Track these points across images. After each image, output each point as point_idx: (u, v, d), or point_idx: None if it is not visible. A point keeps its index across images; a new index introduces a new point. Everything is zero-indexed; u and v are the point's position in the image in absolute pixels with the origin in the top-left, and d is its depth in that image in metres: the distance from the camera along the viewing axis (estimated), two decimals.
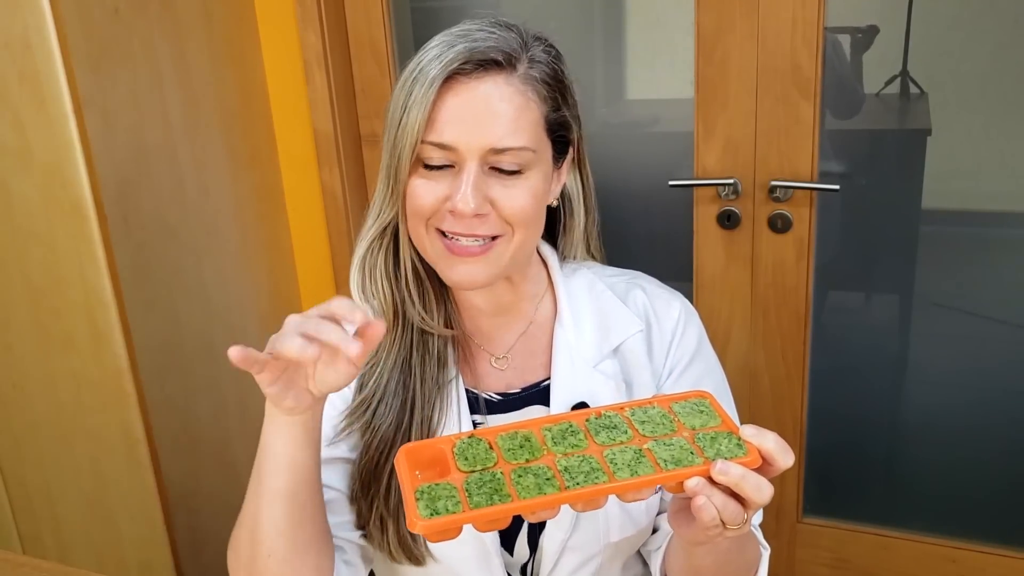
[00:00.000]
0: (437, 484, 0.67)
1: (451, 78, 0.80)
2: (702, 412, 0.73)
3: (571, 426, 0.72)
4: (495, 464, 0.68)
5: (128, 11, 1.48)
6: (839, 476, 1.82)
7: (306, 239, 1.94)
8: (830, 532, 1.78)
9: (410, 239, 0.88)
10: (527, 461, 0.68)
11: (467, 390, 0.92)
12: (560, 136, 0.87)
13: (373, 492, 0.88)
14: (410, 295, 0.89)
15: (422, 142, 0.80)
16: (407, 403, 0.88)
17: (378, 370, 0.90)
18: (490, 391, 0.93)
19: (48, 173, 1.43)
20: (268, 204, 1.88)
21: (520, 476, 0.67)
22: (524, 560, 0.93)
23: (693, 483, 0.66)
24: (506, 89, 0.81)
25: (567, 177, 0.92)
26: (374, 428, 0.88)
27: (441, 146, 0.80)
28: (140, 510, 1.62)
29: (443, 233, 0.83)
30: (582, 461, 0.68)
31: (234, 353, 0.65)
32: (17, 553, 1.70)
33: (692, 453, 0.68)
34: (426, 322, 0.89)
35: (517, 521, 0.91)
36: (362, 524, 0.90)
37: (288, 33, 1.78)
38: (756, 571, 0.88)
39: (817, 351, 1.67)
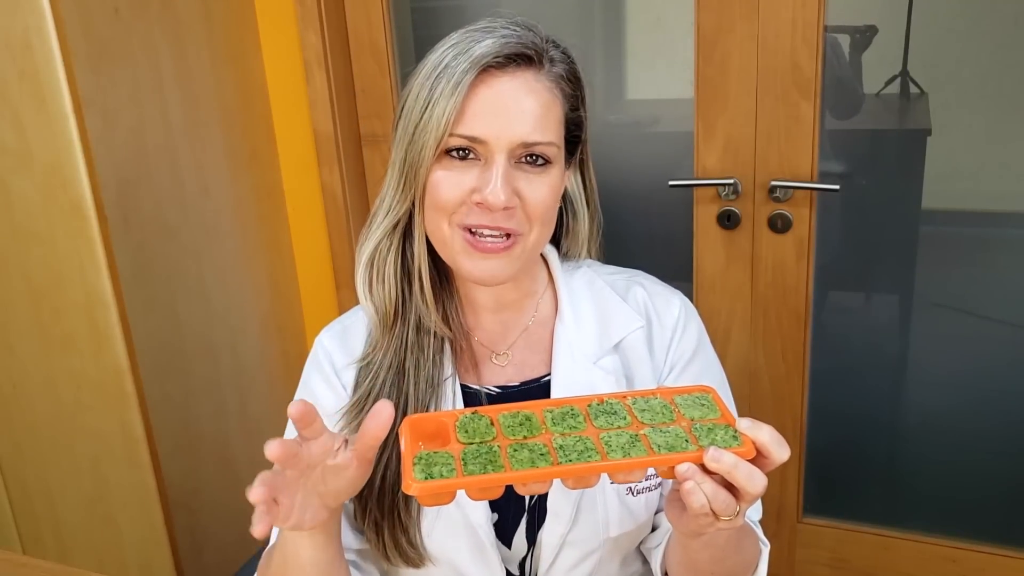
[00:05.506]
0: (435, 452, 0.68)
1: (481, 71, 0.80)
2: (703, 405, 0.74)
3: (572, 409, 0.73)
4: (493, 439, 0.70)
5: (128, 11, 1.48)
6: (839, 476, 1.81)
7: (306, 239, 1.94)
8: (830, 532, 1.78)
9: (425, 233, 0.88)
10: (524, 438, 0.70)
11: (464, 386, 0.92)
12: (574, 136, 0.88)
13: (367, 494, 0.88)
14: (422, 292, 0.89)
15: (450, 135, 0.80)
16: (400, 407, 0.88)
17: (373, 370, 0.90)
18: (489, 386, 0.93)
19: (48, 173, 1.43)
20: (268, 204, 1.88)
21: (516, 450, 0.68)
22: (522, 555, 0.93)
23: (683, 468, 0.67)
24: (535, 85, 0.82)
25: (570, 178, 0.93)
26: None
27: (471, 139, 0.80)
28: (140, 510, 1.62)
29: (466, 229, 0.83)
30: (577, 441, 0.69)
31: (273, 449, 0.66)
32: (17, 553, 1.70)
33: (687, 441, 0.69)
34: (431, 320, 0.89)
35: (515, 514, 0.91)
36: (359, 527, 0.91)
37: (288, 33, 1.78)
38: (756, 568, 0.88)
39: (817, 351, 1.67)
